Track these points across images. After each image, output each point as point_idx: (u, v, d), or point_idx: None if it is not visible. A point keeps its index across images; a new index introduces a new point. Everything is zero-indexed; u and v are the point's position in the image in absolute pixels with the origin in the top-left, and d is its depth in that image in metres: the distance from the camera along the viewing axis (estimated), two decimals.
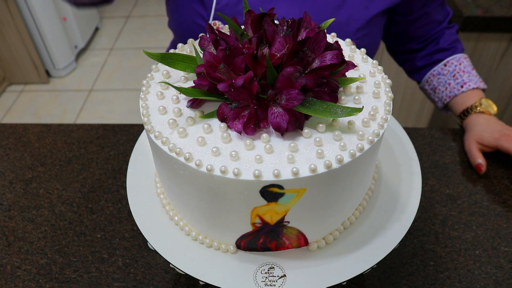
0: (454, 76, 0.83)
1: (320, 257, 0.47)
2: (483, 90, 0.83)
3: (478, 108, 0.78)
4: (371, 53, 0.79)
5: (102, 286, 0.59)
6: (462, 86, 0.82)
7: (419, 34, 0.85)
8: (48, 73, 2.43)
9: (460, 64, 0.83)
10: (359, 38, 0.75)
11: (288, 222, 0.43)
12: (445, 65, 0.84)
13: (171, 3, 0.81)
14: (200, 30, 0.76)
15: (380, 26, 0.80)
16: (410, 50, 0.88)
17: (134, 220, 0.50)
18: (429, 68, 0.87)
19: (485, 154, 0.76)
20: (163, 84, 0.48)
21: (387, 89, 0.47)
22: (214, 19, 0.74)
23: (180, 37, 0.82)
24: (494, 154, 0.76)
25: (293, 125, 0.41)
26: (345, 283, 0.45)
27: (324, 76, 0.42)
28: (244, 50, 0.41)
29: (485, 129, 0.75)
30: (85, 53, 2.65)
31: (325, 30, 0.46)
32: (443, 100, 0.85)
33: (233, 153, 0.39)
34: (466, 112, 0.79)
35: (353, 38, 0.74)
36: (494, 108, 0.78)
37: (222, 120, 0.42)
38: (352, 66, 0.45)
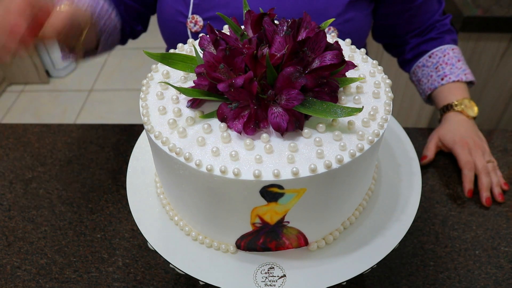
0: (436, 68, 0.82)
1: (320, 257, 0.47)
2: (470, 82, 0.81)
3: (457, 108, 0.77)
4: (358, 42, 0.76)
5: (102, 286, 0.59)
6: (442, 79, 0.81)
7: (410, 29, 0.84)
8: (48, 73, 2.43)
9: (444, 56, 0.82)
10: (341, 24, 0.73)
11: (288, 222, 0.43)
12: (429, 56, 0.83)
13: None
14: (181, 25, 0.76)
15: (365, 11, 0.77)
16: (402, 42, 0.87)
17: (134, 220, 0.50)
18: (416, 60, 0.86)
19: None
20: (163, 84, 0.48)
21: (387, 89, 0.47)
22: (193, 13, 0.74)
23: (164, 33, 0.83)
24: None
25: (293, 125, 0.41)
26: (345, 283, 0.45)
27: (324, 76, 0.42)
28: (244, 50, 0.41)
29: (452, 130, 0.75)
30: None
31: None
32: (425, 92, 0.84)
33: (233, 153, 0.39)
34: (446, 109, 0.79)
35: (334, 24, 0.73)
36: (474, 110, 0.77)
37: (222, 120, 0.42)
38: (352, 66, 0.45)
